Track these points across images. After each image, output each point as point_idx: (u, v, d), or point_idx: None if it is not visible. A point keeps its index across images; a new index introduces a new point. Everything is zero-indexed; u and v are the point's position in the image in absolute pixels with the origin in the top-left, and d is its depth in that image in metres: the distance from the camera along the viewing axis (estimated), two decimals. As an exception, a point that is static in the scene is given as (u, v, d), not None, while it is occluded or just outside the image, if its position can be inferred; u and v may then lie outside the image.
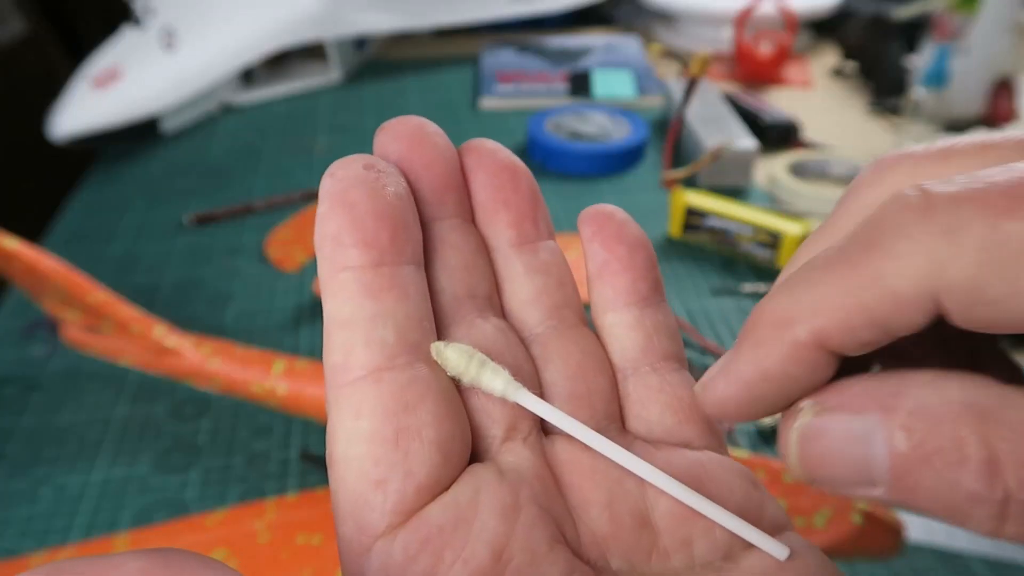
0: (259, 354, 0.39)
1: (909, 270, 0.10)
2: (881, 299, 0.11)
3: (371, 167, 0.13)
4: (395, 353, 0.13)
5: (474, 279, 0.15)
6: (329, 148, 0.69)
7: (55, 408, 0.41)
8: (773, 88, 0.78)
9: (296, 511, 0.35)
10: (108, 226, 0.58)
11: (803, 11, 0.80)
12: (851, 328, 0.11)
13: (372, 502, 0.12)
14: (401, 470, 0.12)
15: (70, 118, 0.63)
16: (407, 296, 0.13)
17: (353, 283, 0.13)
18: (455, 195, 0.15)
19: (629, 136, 0.64)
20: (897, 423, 0.11)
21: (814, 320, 0.11)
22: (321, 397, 0.36)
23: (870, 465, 0.11)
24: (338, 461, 0.12)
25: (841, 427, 0.11)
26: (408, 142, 0.14)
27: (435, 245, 0.14)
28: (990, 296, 0.10)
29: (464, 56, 0.89)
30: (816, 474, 0.12)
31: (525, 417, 0.14)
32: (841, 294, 0.11)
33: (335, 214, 0.13)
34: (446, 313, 0.14)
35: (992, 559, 0.32)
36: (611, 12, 1.03)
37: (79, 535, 0.34)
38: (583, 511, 0.13)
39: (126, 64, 0.68)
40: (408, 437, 0.12)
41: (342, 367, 0.13)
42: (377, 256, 0.13)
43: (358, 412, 0.12)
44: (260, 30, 0.74)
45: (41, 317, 0.46)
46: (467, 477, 0.13)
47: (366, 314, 0.13)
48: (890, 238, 0.11)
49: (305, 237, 0.55)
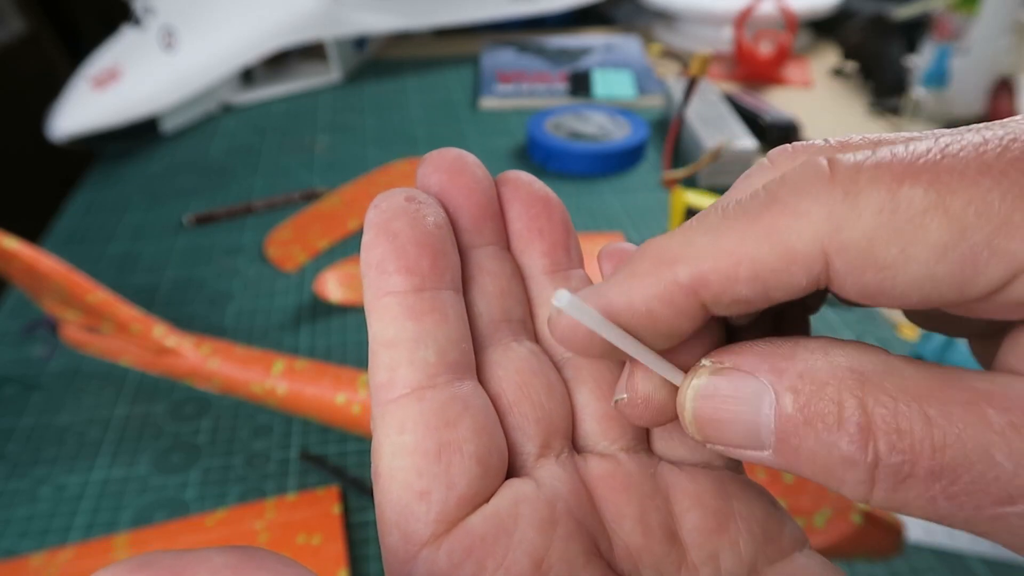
0: (259, 354, 0.39)
1: (806, 227, 0.11)
2: (772, 253, 0.11)
3: (412, 199, 0.14)
4: (436, 372, 0.13)
5: (509, 304, 0.15)
6: (329, 147, 0.69)
7: (55, 408, 0.41)
8: (773, 88, 0.78)
9: (296, 511, 0.35)
10: (108, 226, 0.58)
11: (803, 11, 0.80)
12: (733, 279, 0.11)
13: (416, 512, 0.12)
14: (443, 482, 0.13)
15: (70, 118, 0.63)
16: (447, 319, 0.14)
17: (396, 306, 0.13)
18: (492, 224, 0.16)
19: (629, 136, 0.64)
20: (786, 385, 0.11)
21: (699, 263, 0.11)
22: (320, 396, 0.36)
23: (759, 427, 0.11)
24: (383, 474, 0.13)
25: (733, 387, 0.12)
26: (448, 174, 0.15)
27: (473, 272, 0.15)
28: (881, 260, 0.10)
29: (464, 56, 0.89)
30: (708, 433, 0.12)
31: (557, 435, 0.14)
32: (734, 243, 0.11)
33: (379, 242, 0.14)
34: (483, 335, 0.15)
35: (992, 559, 0.32)
36: (611, 12, 1.03)
37: (79, 535, 0.34)
38: (617, 525, 0.14)
39: (126, 64, 0.68)
40: (449, 451, 0.13)
41: (387, 385, 0.13)
42: (419, 281, 0.14)
43: (402, 427, 0.13)
44: (260, 30, 0.74)
45: (41, 317, 0.46)
46: (505, 490, 0.13)
47: (409, 335, 0.13)
48: (792, 196, 0.11)
49: (305, 237, 0.55)
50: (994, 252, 0.10)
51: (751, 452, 0.12)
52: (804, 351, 0.11)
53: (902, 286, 0.10)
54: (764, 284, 0.11)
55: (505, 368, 0.14)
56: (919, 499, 0.10)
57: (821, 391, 0.11)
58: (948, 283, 0.10)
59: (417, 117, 0.74)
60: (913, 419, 0.10)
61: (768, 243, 0.11)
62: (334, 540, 0.33)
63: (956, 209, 0.10)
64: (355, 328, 0.47)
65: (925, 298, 0.10)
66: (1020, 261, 0.10)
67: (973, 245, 0.10)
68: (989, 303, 0.10)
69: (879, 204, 0.10)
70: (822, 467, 0.11)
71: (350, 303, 0.47)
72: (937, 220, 0.10)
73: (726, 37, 0.83)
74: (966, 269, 0.10)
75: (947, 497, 0.10)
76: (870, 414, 0.10)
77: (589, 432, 0.15)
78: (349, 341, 0.45)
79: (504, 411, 0.14)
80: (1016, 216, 0.10)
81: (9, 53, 1.04)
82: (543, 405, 0.14)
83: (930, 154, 0.10)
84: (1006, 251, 0.10)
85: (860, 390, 0.11)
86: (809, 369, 0.11)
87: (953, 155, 0.10)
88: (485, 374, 0.14)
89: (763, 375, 0.11)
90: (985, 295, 0.10)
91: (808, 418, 0.11)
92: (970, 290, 0.10)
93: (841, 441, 0.10)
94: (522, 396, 0.14)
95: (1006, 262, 0.10)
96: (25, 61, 1.06)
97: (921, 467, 0.10)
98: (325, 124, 0.73)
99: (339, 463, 0.37)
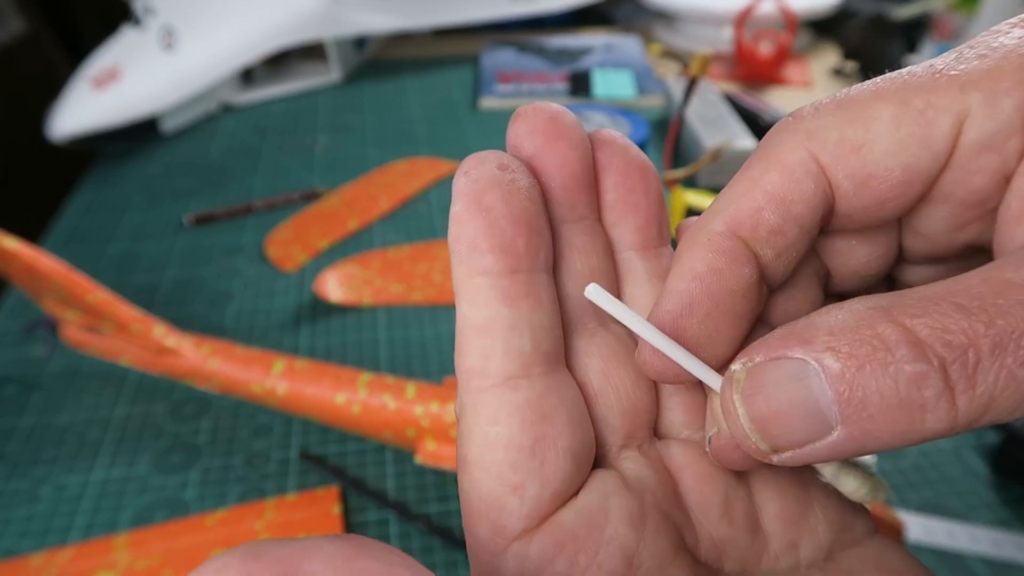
0: (259, 354, 0.39)
1: (789, 143, 0.13)
2: (773, 174, 0.13)
3: (506, 168, 0.13)
4: (531, 362, 0.13)
5: (598, 284, 0.15)
6: (329, 147, 0.69)
7: (55, 408, 0.41)
8: (773, 88, 0.78)
9: (296, 511, 0.35)
10: (108, 226, 0.58)
11: (803, 11, 0.80)
12: (757, 208, 0.13)
13: (509, 506, 0.12)
14: (538, 477, 0.12)
15: (70, 118, 0.63)
16: (541, 305, 0.13)
17: (489, 289, 0.13)
18: (585, 195, 0.15)
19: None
20: (821, 347, 0.11)
21: (726, 211, 0.13)
22: (320, 396, 0.36)
23: (818, 404, 0.11)
24: (472, 463, 0.13)
25: (774, 374, 0.11)
26: (543, 137, 0.14)
27: (563, 249, 0.14)
28: (853, 139, 0.12)
29: (464, 56, 0.89)
30: (773, 434, 0.12)
31: (642, 425, 0.14)
32: (743, 185, 0.13)
33: (471, 216, 0.13)
34: (570, 319, 0.14)
35: (992, 559, 0.32)
36: (611, 12, 1.03)
37: (79, 535, 0.34)
38: (703, 515, 0.14)
39: (126, 64, 0.68)
40: (544, 446, 0.12)
41: (479, 372, 0.13)
42: (513, 263, 0.13)
43: (496, 418, 0.13)
44: (260, 30, 0.74)
45: (41, 317, 0.46)
46: (594, 484, 0.13)
47: (503, 322, 0.13)
48: (773, 138, 0.13)
49: (305, 237, 0.55)
50: (936, 109, 0.12)
51: (821, 443, 0.11)
52: (819, 316, 0.11)
53: (882, 158, 0.12)
54: (783, 202, 0.13)
55: (591, 355, 0.14)
56: (998, 381, 0.10)
57: (856, 335, 0.11)
58: (915, 143, 0.12)
59: (417, 117, 0.74)
60: (950, 313, 0.10)
61: (767, 170, 0.13)
62: (334, 540, 0.33)
63: (893, 92, 0.12)
64: (355, 328, 0.47)
65: (905, 167, 0.12)
66: (957, 110, 0.12)
67: (917, 107, 0.12)
68: (957, 165, 0.12)
69: (835, 108, 0.13)
70: (897, 404, 0.10)
71: (350, 303, 0.47)
72: (882, 102, 0.12)
73: (726, 37, 0.83)
74: (921, 126, 0.12)
75: (1021, 363, 0.10)
76: (911, 328, 0.10)
77: (674, 421, 0.15)
78: (349, 341, 0.45)
79: (590, 401, 0.14)
80: (941, 82, 0.12)
81: (9, 53, 1.04)
82: (629, 395, 0.14)
83: (867, 83, 0.13)
84: (944, 105, 0.12)
85: (889, 317, 0.10)
86: (834, 325, 0.11)
87: (886, 76, 0.13)
88: (571, 361, 0.14)
89: (795, 351, 0.11)
90: (948, 146, 0.12)
91: (860, 363, 0.10)
92: (934, 144, 0.12)
93: (903, 364, 0.10)
94: (608, 386, 0.14)
95: (949, 113, 0.12)
96: (25, 61, 1.06)
97: (983, 347, 0.10)
98: (325, 124, 0.73)
99: (339, 463, 0.37)
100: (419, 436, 0.35)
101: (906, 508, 0.35)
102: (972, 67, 0.12)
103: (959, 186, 0.12)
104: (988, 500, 0.35)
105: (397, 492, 0.36)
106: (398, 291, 0.49)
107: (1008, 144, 0.12)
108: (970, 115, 0.12)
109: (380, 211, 0.58)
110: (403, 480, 0.37)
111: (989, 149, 0.12)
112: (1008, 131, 0.12)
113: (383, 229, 0.56)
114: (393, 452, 0.38)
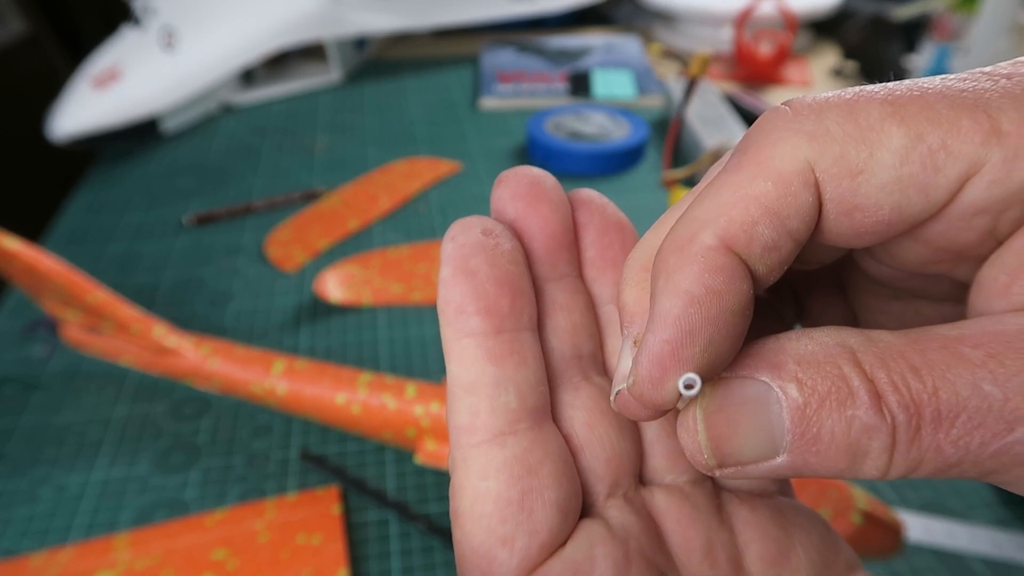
0: (259, 354, 0.39)
1: (787, 149, 0.12)
2: (768, 183, 0.12)
3: (490, 232, 0.14)
4: (517, 418, 0.13)
5: (580, 339, 0.15)
6: (329, 147, 0.69)
7: (55, 408, 0.41)
8: (773, 88, 0.78)
9: (296, 511, 0.35)
10: (108, 226, 0.58)
11: (803, 11, 0.80)
12: (751, 222, 0.12)
13: (499, 558, 0.13)
14: (526, 529, 0.13)
15: (70, 118, 0.63)
16: (526, 362, 0.14)
17: (475, 349, 0.13)
18: (567, 255, 0.16)
19: (629, 136, 0.64)
20: (788, 376, 0.11)
21: (717, 223, 0.12)
22: (320, 396, 0.36)
23: (772, 428, 0.11)
24: (464, 515, 0.13)
25: (739, 392, 0.12)
26: (525, 201, 0.15)
27: (546, 307, 0.15)
28: (854, 164, 0.11)
29: (464, 56, 0.89)
30: (724, 451, 0.12)
31: (626, 474, 0.15)
32: (733, 193, 0.12)
33: (457, 281, 0.14)
34: (555, 373, 0.15)
35: (992, 559, 0.32)
36: (611, 12, 1.03)
37: (79, 535, 0.34)
38: (686, 557, 0.14)
39: (126, 64, 0.68)
40: (532, 498, 0.13)
41: (468, 428, 0.13)
42: (498, 323, 0.14)
43: (484, 473, 0.13)
44: (260, 30, 0.74)
45: (41, 317, 0.46)
46: (580, 534, 0.13)
47: (489, 380, 0.13)
48: (763, 136, 0.12)
49: (305, 237, 0.55)
50: (950, 153, 0.11)
51: (764, 464, 0.11)
52: (789, 341, 0.11)
53: (875, 192, 0.11)
54: (779, 216, 0.12)
55: (575, 408, 0.14)
56: (929, 451, 0.10)
57: (822, 371, 0.11)
58: (914, 186, 0.11)
59: (417, 117, 0.74)
60: (906, 373, 0.10)
61: (761, 178, 0.12)
62: (334, 540, 0.33)
63: (910, 116, 0.11)
64: (355, 328, 0.47)
65: (896, 207, 0.11)
66: (971, 161, 0.11)
67: (930, 146, 0.11)
68: (947, 218, 0.11)
69: (842, 117, 0.11)
70: (844, 446, 0.11)
71: (350, 303, 0.47)
72: (895, 126, 0.11)
73: (726, 37, 0.83)
74: (927, 169, 0.11)
75: (951, 442, 0.10)
76: (873, 379, 0.10)
77: (657, 467, 0.15)
78: (349, 341, 0.45)
79: (576, 452, 0.14)
80: (964, 122, 0.11)
81: (9, 53, 1.04)
82: (613, 445, 0.14)
83: (879, 89, 0.12)
84: (959, 152, 0.11)
85: (855, 360, 0.11)
86: (803, 355, 0.11)
87: (900, 87, 0.12)
88: (557, 414, 0.14)
89: (762, 374, 0.11)
90: (946, 199, 0.11)
91: (821, 400, 0.11)
92: (932, 193, 0.11)
93: (859, 411, 0.10)
94: (592, 437, 0.14)
95: (961, 162, 0.11)
96: (25, 61, 1.06)
97: (925, 416, 0.10)
98: (325, 124, 0.73)
99: (339, 463, 0.37)
100: (419, 436, 0.35)
101: (906, 508, 0.35)
102: (1001, 107, 0.11)
103: (943, 237, 0.12)
104: (988, 500, 0.35)
105: (397, 492, 0.36)
106: (398, 291, 0.49)
107: (1007, 213, 0.11)
108: (981, 171, 0.11)
109: (380, 211, 0.58)
110: (403, 480, 0.37)
111: (986, 212, 0.11)
112: (1012, 200, 0.11)
113: (383, 229, 0.56)
114: (393, 452, 0.38)
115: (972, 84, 0.11)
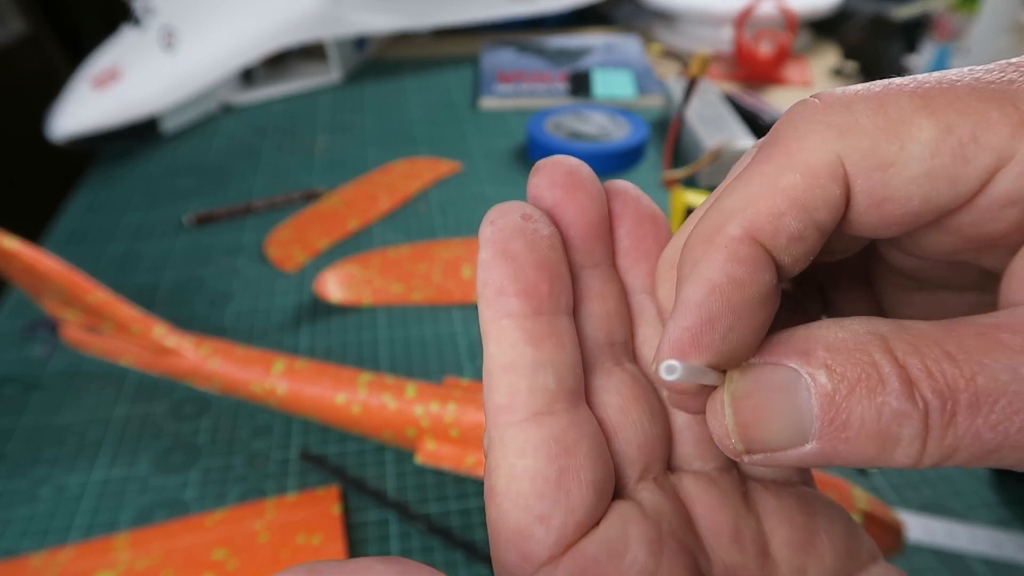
0: (259, 354, 0.39)
1: (817, 143, 0.12)
2: (797, 176, 0.12)
3: (529, 217, 0.14)
4: (555, 399, 0.14)
5: (613, 326, 0.16)
6: (329, 147, 0.69)
7: (55, 408, 0.41)
8: (773, 88, 0.78)
9: (296, 511, 0.35)
10: (108, 226, 0.58)
11: (803, 11, 0.80)
12: (778, 214, 0.12)
13: (536, 535, 0.13)
14: (563, 507, 0.13)
15: (70, 118, 0.63)
16: (563, 345, 0.14)
17: (515, 330, 0.14)
18: (602, 243, 0.16)
19: (629, 136, 0.64)
20: (817, 363, 0.11)
21: (743, 214, 0.12)
22: (320, 396, 0.36)
23: (800, 415, 0.11)
24: (500, 493, 0.13)
25: (767, 379, 0.12)
26: (563, 190, 0.15)
27: (582, 293, 0.15)
28: (884, 156, 0.11)
29: (464, 56, 0.89)
30: (752, 437, 0.12)
31: (657, 458, 0.15)
32: (761, 184, 0.12)
33: (497, 263, 0.14)
34: (588, 359, 0.15)
35: (992, 559, 0.32)
36: (611, 12, 1.03)
37: (79, 535, 0.34)
38: (715, 541, 0.14)
39: (126, 64, 0.68)
40: (568, 477, 0.13)
41: (507, 408, 0.14)
42: (537, 305, 0.14)
43: (523, 451, 0.13)
44: (260, 30, 0.74)
45: (41, 317, 0.46)
46: (614, 514, 0.14)
47: (528, 361, 0.13)
48: (792, 129, 0.12)
49: (305, 237, 0.55)
50: (979, 145, 0.11)
51: (792, 452, 0.11)
52: (820, 329, 0.12)
53: (906, 184, 0.11)
54: (806, 208, 0.12)
55: (609, 393, 0.15)
56: (966, 437, 0.10)
57: (852, 358, 0.11)
58: (944, 178, 0.11)
59: (417, 117, 0.74)
60: (940, 360, 0.10)
61: (790, 170, 0.12)
62: (334, 540, 0.33)
63: (940, 108, 0.11)
64: (355, 328, 0.47)
65: (925, 198, 0.11)
66: (1001, 153, 0.11)
67: (960, 138, 0.11)
68: (976, 208, 0.11)
69: (872, 110, 0.12)
70: (874, 433, 0.11)
71: (350, 303, 0.47)
72: (926, 118, 0.11)
73: (726, 37, 0.83)
74: (957, 161, 0.11)
75: (990, 427, 0.10)
76: (905, 366, 0.10)
77: (686, 453, 0.15)
78: (349, 341, 0.45)
79: (609, 436, 0.14)
80: (993, 114, 0.11)
81: (9, 53, 1.04)
82: (645, 430, 0.15)
83: (908, 81, 0.12)
84: (988, 144, 0.11)
85: (886, 347, 0.11)
86: (833, 342, 0.11)
87: (929, 79, 0.12)
88: (591, 398, 0.15)
89: (791, 360, 0.11)
90: (975, 190, 0.11)
91: (850, 387, 0.11)
92: (962, 184, 0.11)
93: (890, 398, 0.10)
94: (625, 421, 0.14)
95: (990, 153, 0.11)
96: (25, 61, 1.06)
97: (961, 402, 0.10)
98: (325, 124, 0.73)
99: (339, 463, 0.37)
100: (419, 436, 0.35)
101: (906, 508, 0.35)
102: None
103: (971, 226, 0.12)
104: (988, 500, 0.35)
105: (397, 492, 0.36)
106: (398, 291, 0.49)
107: None
108: (1010, 163, 0.11)
109: (380, 211, 0.58)
110: (403, 480, 0.37)
111: (1016, 203, 0.11)
112: None
113: (383, 229, 0.56)
114: (393, 452, 0.38)
115: (1000, 76, 0.11)
